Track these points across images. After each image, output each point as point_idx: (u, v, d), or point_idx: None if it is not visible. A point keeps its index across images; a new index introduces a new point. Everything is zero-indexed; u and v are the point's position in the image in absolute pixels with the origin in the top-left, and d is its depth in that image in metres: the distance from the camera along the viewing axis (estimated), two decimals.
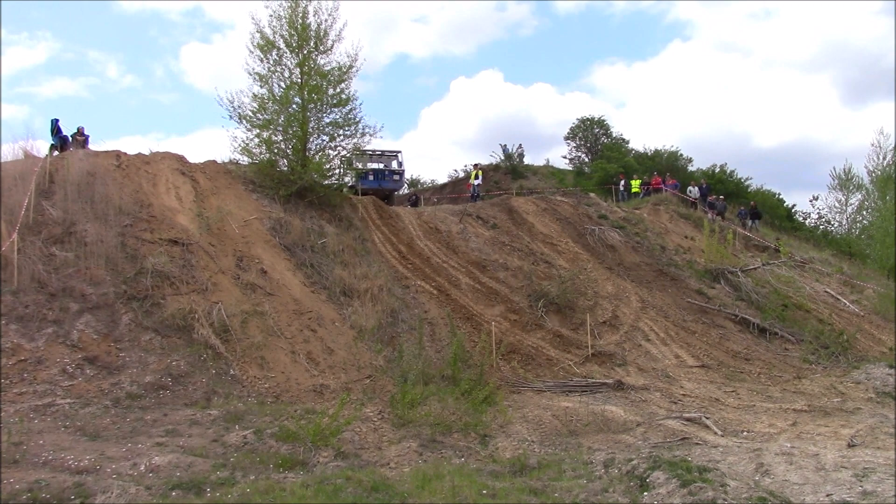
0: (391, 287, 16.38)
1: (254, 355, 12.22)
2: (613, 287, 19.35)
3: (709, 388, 14.17)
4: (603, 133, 44.19)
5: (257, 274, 14.57)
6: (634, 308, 18.35)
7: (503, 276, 18.57)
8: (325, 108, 19.22)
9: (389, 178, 25.82)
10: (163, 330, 11.94)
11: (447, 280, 17.78)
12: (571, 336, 16.50)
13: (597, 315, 17.63)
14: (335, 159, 19.86)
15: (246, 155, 18.80)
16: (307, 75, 18.76)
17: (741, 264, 22.26)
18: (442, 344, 14.79)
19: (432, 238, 20.03)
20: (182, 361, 11.34)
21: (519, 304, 17.35)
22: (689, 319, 18.26)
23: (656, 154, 40.90)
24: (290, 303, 14.17)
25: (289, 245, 16.32)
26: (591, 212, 24.75)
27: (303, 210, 18.17)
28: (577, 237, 22.19)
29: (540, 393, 13.38)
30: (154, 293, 12.61)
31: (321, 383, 12.11)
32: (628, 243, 22.50)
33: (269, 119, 18.60)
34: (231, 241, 15.28)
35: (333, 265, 16.37)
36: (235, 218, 16.14)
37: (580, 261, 20.42)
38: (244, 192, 17.75)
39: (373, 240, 18.98)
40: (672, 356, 16.28)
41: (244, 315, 13.05)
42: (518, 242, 20.90)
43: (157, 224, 14.57)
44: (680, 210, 27.40)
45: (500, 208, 23.35)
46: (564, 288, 17.83)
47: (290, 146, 19.08)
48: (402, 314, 15.60)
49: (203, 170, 17.89)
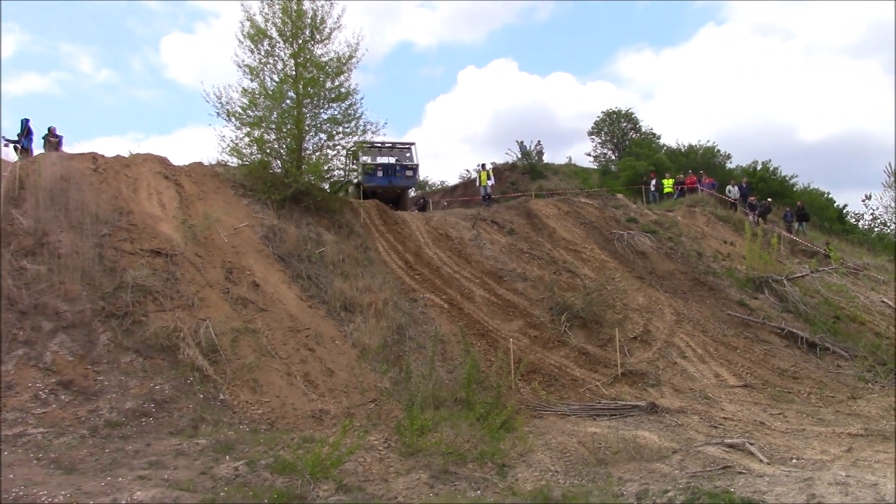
0: (397, 301, 16.39)
1: (245, 378, 12.23)
2: (645, 298, 19.32)
3: (753, 411, 14.07)
4: (631, 127, 44.25)
5: (249, 287, 14.62)
6: (668, 322, 18.31)
7: (522, 288, 18.57)
8: (322, 103, 19.35)
9: (402, 175, 25.35)
10: (145, 350, 11.97)
11: (459, 292, 17.79)
12: (598, 353, 16.46)
13: (627, 330, 17.60)
14: (334, 159, 20.14)
15: (235, 156, 18.90)
16: (302, 67, 18.88)
17: (787, 272, 22.11)
18: (454, 364, 14.78)
19: (442, 246, 20.06)
20: (166, 385, 11.35)
21: (539, 318, 17.34)
22: (729, 334, 18.19)
23: (690, 150, 40.88)
24: (285, 319, 14.20)
25: (283, 255, 16.37)
26: (618, 215, 24.77)
27: (298, 216, 18.24)
28: (603, 243, 22.20)
29: (564, 417, 13.34)
30: (135, 310, 12.66)
31: (320, 408, 12.11)
32: (661, 250, 22.49)
33: (260, 116, 18.71)
34: (219, 252, 15.34)
35: (333, 277, 16.40)
36: (224, 225, 16.22)
37: (607, 269, 20.41)
38: (233, 197, 17.83)
39: (376, 248, 19.01)
40: (711, 375, 16.20)
41: (234, 333, 13.09)
42: (538, 250, 20.92)
43: (138, 233, 14.65)
44: (718, 212, 27.32)
45: (518, 212, 23.39)
46: (590, 300, 17.81)
47: (284, 146, 19.21)
48: (410, 331, 15.62)
49: (188, 173, 18.00)
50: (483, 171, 27.11)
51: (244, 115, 18.68)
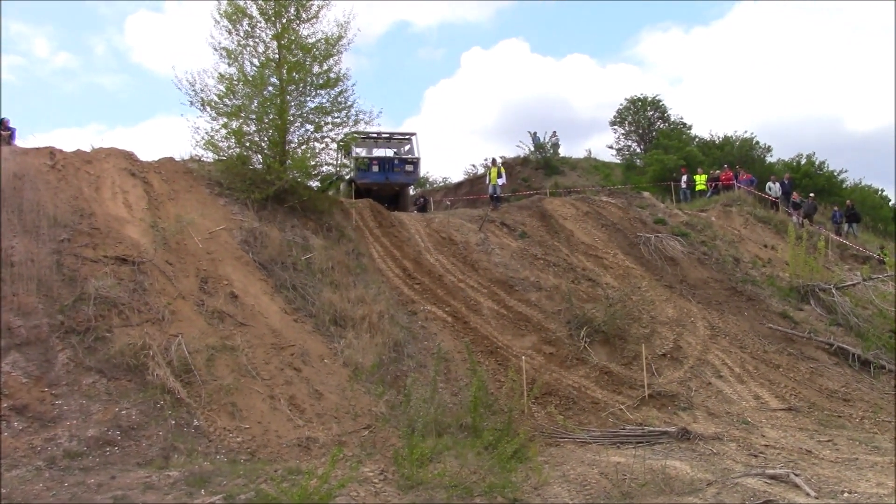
0: (394, 313, 16.44)
1: (223, 401, 12.24)
2: (675, 310, 19.39)
3: (798, 437, 14.06)
4: (658, 116, 44.33)
5: (226, 299, 14.66)
6: (702, 336, 18.36)
7: (535, 299, 18.63)
8: (308, 90, 19.39)
9: (400, 169, 25.42)
10: (109, 371, 11.98)
11: (465, 304, 17.85)
12: (623, 373, 16.50)
13: (654, 346, 17.66)
14: (322, 153, 20.03)
15: (211, 150, 18.92)
16: (286, 50, 18.93)
17: (836, 280, 22.13)
18: (459, 385, 14.81)
19: (445, 251, 20.11)
20: (133, 410, 11.35)
21: (556, 333, 17.40)
22: (771, 350, 18.23)
23: (726, 142, 40.94)
24: (267, 335, 14.24)
25: (265, 262, 16.42)
26: (644, 215, 24.86)
27: (282, 218, 18.29)
28: (627, 248, 22.28)
29: (584, 445, 13.33)
30: (98, 325, 12.67)
31: (307, 436, 12.11)
32: (692, 255, 22.56)
33: (239, 105, 18.74)
34: (193, 259, 15.38)
35: (321, 287, 16.44)
36: (198, 229, 16.27)
37: (632, 277, 20.48)
38: (209, 197, 17.89)
39: (370, 254, 19.05)
40: (750, 397, 16.22)
41: (210, 351, 13.12)
42: (553, 255, 20.98)
43: (102, 238, 14.68)
44: (757, 212, 27.39)
45: (531, 212, 23.47)
46: (613, 312, 17.88)
47: (266, 138, 19.25)
48: (409, 347, 15.66)
49: (157, 169, 18.05)
50: (493, 167, 26.84)
51: (221, 104, 18.69)
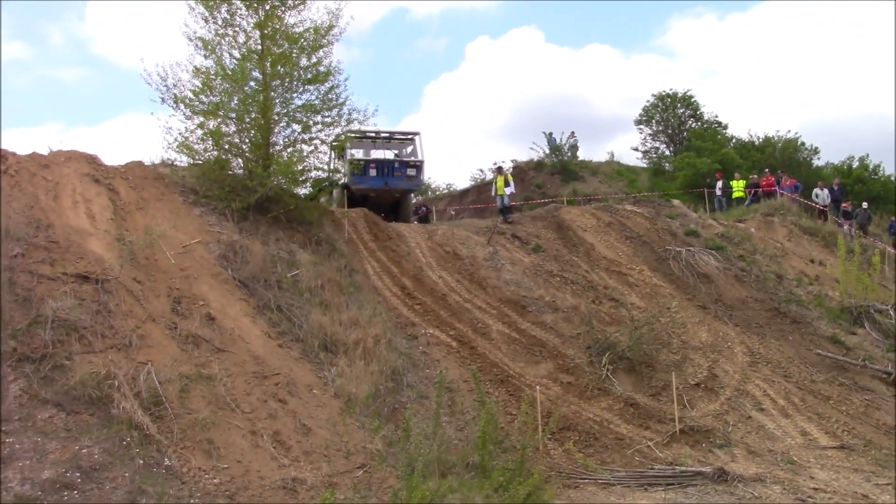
0: (392, 338, 16.40)
1: (198, 438, 12.13)
2: (709, 334, 19.34)
3: (852, 480, 13.99)
4: (689, 114, 44.33)
5: (202, 321, 14.57)
6: (740, 363, 18.30)
7: (551, 321, 18.59)
8: (295, 85, 19.38)
9: (402, 174, 25.22)
10: (68, 404, 11.85)
11: (471, 327, 17.81)
12: (650, 405, 16.46)
13: (686, 374, 17.64)
14: (310, 157, 19.97)
15: (185, 153, 18.84)
16: (270, 40, 18.91)
17: (894, 299, 22.00)
18: (465, 419, 14.76)
19: (449, 267, 20.11)
20: (96, 448, 11.23)
21: (574, 359, 17.35)
22: (819, 379, 18.19)
23: (766, 143, 40.95)
24: (248, 362, 14.16)
25: (246, 280, 16.36)
26: (674, 226, 24.89)
27: (266, 230, 18.25)
28: (655, 263, 22.31)
29: (607, 487, 13.29)
30: (56, 351, 12.54)
31: (294, 476, 12.00)
32: (729, 271, 22.55)
33: (216, 102, 18.68)
34: (165, 276, 15.32)
35: (309, 308, 16.39)
36: (171, 242, 16.19)
37: (661, 297, 20.46)
38: (183, 206, 17.84)
39: (365, 271, 19.04)
40: (796, 433, 16.16)
41: (184, 380, 12.99)
42: (572, 272, 20.97)
43: (61, 253, 14.58)
44: (803, 222, 27.44)
45: (546, 223, 23.51)
46: (639, 336, 17.86)
47: (248, 140, 19.23)
48: (408, 376, 15.61)
49: (124, 175, 17.98)
50: (499, 174, 25.98)
51: (196, 102, 18.63)
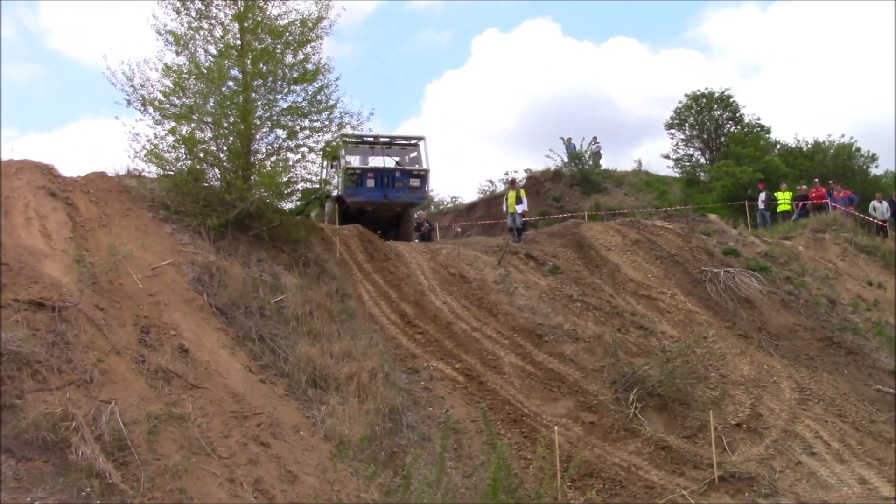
0: (390, 372, 16.33)
1: (168, 487, 11.98)
2: (752, 367, 19.32)
3: None
4: (728, 117, 44.19)
5: (173, 354, 14.47)
6: (788, 401, 18.28)
7: (571, 352, 18.57)
8: (280, 85, 19.43)
9: (404, 184, 25.16)
10: (19, 449, 11.72)
11: (480, 359, 17.77)
12: (685, 448, 16.43)
13: (726, 413, 17.61)
14: (297, 166, 19.92)
15: (154, 163, 18.82)
16: (251, 34, 18.93)
17: None
18: (473, 463, 14.72)
19: (455, 291, 20.16)
20: (51, 500, 11.06)
21: (598, 396, 17.33)
22: (879, 419, 18.17)
23: (817, 149, 40.98)
24: (226, 400, 14.06)
25: (224, 306, 16.32)
26: (711, 244, 24.92)
27: (246, 249, 18.23)
28: (689, 286, 22.37)
29: None
30: (6, 389, 12.43)
31: None
32: (774, 295, 22.56)
33: (190, 105, 18.70)
34: (131, 303, 15.25)
35: (296, 338, 16.34)
36: (138, 264, 16.12)
37: (696, 324, 20.48)
38: (152, 223, 17.80)
39: (359, 296, 19.05)
40: (853, 480, 16.05)
41: (152, 421, 12.86)
42: (594, 296, 20.99)
43: (12, 277, 14.50)
44: (859, 240, 27.42)
45: (565, 241, 23.59)
46: (671, 369, 17.82)
47: (226, 147, 19.24)
48: (409, 415, 15.58)
49: (85, 188, 17.94)
50: (512, 188, 25.77)
51: (167, 104, 18.65)
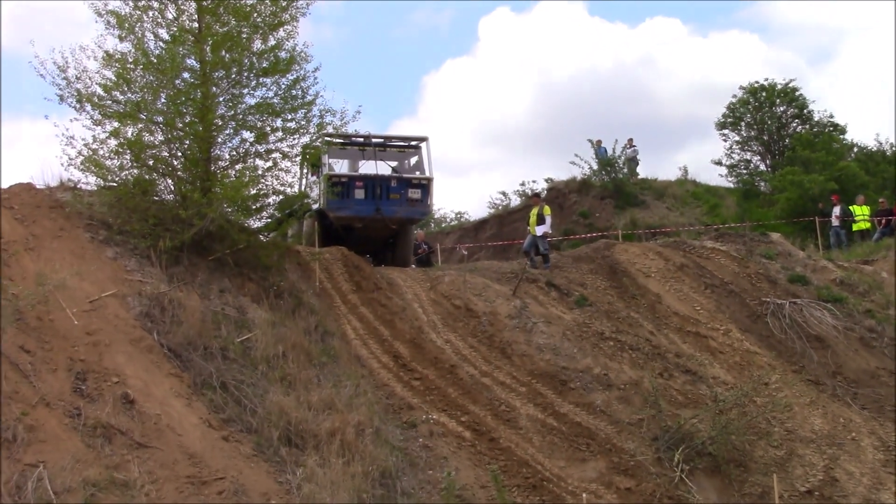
0: (381, 426, 16.16)
1: None
2: (825, 419, 19.27)
3: None
4: (794, 114, 44.38)
5: (116, 406, 14.26)
6: (870, 462, 18.22)
7: (602, 402, 18.48)
8: (246, 77, 19.50)
9: (401, 196, 25.09)
10: None
11: (491, 410, 17.67)
12: None
13: (794, 477, 17.51)
14: (268, 175, 19.80)
15: (93, 172, 18.70)
16: (211, 15, 18.96)
17: None
18: None
19: (460, 328, 20.15)
20: None
21: (635, 455, 17.21)
22: None
23: None
24: (180, 462, 13.82)
25: (178, 347, 16.14)
26: (773, 270, 24.91)
27: (206, 277, 18.17)
28: (747, 321, 22.39)
29: None
30: None
31: None
32: (852, 332, 22.48)
33: (137, 101, 18.67)
34: (64, 343, 15.07)
35: (266, 385, 16.14)
36: (73, 296, 16.01)
37: (756, 368, 20.41)
38: (90, 246, 17.69)
39: (343, 333, 19.09)
40: None
41: (90, 489, 12.64)
42: (630, 333, 20.97)
43: None
44: None
45: (594, 267, 23.78)
46: (726, 423, 17.69)
47: (181, 153, 19.23)
48: (404, 479, 15.38)
49: (8, 203, 17.89)
50: (535, 206, 25.03)
51: (108, 100, 18.62)
